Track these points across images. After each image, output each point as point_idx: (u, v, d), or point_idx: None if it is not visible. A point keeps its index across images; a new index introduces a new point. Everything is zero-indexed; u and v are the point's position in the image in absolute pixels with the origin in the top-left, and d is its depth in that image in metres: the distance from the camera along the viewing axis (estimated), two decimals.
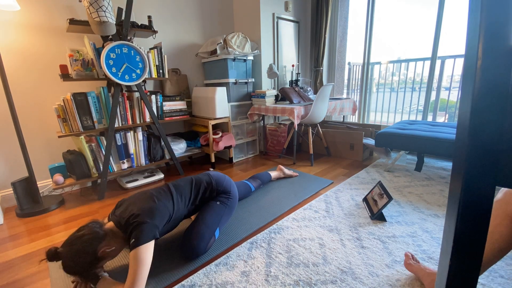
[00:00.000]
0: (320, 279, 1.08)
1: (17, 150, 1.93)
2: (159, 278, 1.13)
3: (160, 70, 2.22)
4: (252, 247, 1.31)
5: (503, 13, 0.31)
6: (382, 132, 2.15)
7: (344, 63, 3.45)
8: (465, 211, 0.36)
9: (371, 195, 1.66)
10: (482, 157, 0.34)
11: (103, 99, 1.93)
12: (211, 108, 2.43)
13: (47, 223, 1.66)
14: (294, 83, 2.98)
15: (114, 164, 2.07)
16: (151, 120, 2.19)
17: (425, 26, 2.81)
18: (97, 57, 1.87)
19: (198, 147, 2.66)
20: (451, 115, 3.00)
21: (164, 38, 2.55)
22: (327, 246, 1.29)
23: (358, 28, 3.17)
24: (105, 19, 1.71)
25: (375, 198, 1.59)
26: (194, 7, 2.72)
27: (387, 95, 3.36)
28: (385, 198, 1.48)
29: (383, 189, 1.55)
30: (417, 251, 1.23)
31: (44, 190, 2.06)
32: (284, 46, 3.10)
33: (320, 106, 2.40)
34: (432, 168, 2.29)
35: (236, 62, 2.59)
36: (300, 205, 1.73)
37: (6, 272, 1.22)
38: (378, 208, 1.50)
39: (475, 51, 0.33)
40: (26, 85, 1.91)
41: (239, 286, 1.07)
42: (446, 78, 2.77)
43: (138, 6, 2.34)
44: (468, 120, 0.34)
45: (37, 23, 1.89)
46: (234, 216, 1.61)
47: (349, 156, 2.67)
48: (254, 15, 2.80)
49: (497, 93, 0.32)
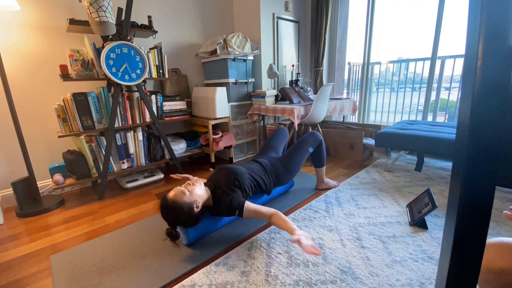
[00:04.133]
0: (320, 279, 1.08)
1: (17, 150, 1.93)
2: (159, 276, 1.13)
3: (160, 70, 2.22)
4: (252, 247, 1.31)
5: (503, 13, 0.31)
6: (382, 132, 2.15)
7: (344, 63, 3.45)
8: (465, 211, 0.36)
9: (416, 201, 1.57)
10: (482, 157, 0.34)
11: (103, 99, 1.93)
12: (211, 108, 2.43)
13: (47, 223, 1.66)
14: (294, 83, 2.98)
15: (114, 164, 2.07)
16: (151, 120, 2.19)
17: (425, 26, 2.81)
18: (97, 57, 1.87)
19: (198, 147, 2.66)
20: (451, 115, 3.00)
21: (164, 38, 2.55)
22: (327, 246, 1.29)
23: (358, 28, 3.17)
24: (105, 19, 1.71)
25: (419, 205, 1.50)
26: (194, 7, 2.72)
27: (387, 95, 3.36)
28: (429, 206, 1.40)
29: (430, 196, 1.46)
30: (417, 251, 1.23)
31: (44, 190, 2.06)
32: (284, 46, 3.10)
33: (320, 106, 2.40)
34: (432, 168, 2.29)
35: (236, 62, 2.59)
36: (300, 205, 1.73)
37: (6, 272, 1.22)
38: (419, 214, 1.42)
39: (475, 51, 0.33)
40: (26, 85, 1.91)
41: (239, 286, 1.07)
42: (446, 78, 2.77)
43: (138, 6, 2.34)
44: (468, 120, 0.34)
45: (37, 23, 1.89)
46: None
47: (349, 156, 2.67)
48: (254, 15, 2.80)
49: (497, 93, 0.32)
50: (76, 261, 1.27)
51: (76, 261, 1.26)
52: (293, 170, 1.69)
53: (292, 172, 1.69)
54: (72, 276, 1.16)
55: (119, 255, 1.30)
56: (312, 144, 1.77)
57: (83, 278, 1.15)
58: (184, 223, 1.25)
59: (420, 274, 1.09)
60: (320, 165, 1.88)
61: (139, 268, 1.20)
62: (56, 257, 1.30)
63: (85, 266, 1.23)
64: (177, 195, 1.23)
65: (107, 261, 1.25)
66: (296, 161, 1.69)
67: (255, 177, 1.53)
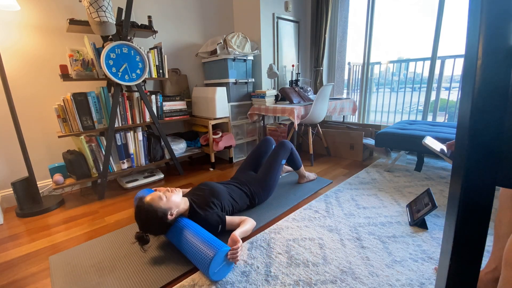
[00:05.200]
0: (320, 279, 1.08)
1: (17, 150, 1.93)
2: (159, 276, 1.13)
3: (160, 70, 2.22)
4: (252, 247, 1.31)
5: (503, 13, 0.31)
6: (382, 132, 2.15)
7: (344, 63, 3.45)
8: (465, 211, 0.36)
9: (416, 201, 1.57)
10: (482, 157, 0.34)
11: (103, 99, 1.93)
12: (211, 108, 2.43)
13: (47, 223, 1.66)
14: (294, 83, 2.98)
15: (114, 164, 2.07)
16: (151, 120, 2.19)
17: (425, 26, 2.81)
18: (97, 57, 1.87)
19: (198, 147, 2.66)
20: (451, 115, 3.00)
21: (164, 38, 2.55)
22: (327, 246, 1.29)
23: (358, 28, 3.17)
24: (105, 19, 1.71)
25: (419, 205, 1.50)
26: (194, 7, 2.72)
27: (387, 95, 3.36)
28: (429, 206, 1.40)
29: (430, 196, 1.46)
30: (417, 251, 1.23)
31: (44, 190, 2.06)
32: (284, 46, 3.10)
33: (320, 106, 2.40)
34: (432, 168, 2.29)
35: (236, 62, 2.59)
36: (300, 205, 1.73)
37: (6, 272, 1.22)
38: (419, 215, 1.42)
39: (475, 51, 0.33)
40: (26, 85, 1.91)
41: (239, 286, 1.07)
42: (446, 78, 2.77)
43: (138, 6, 2.34)
44: (468, 120, 0.34)
45: (37, 23, 1.89)
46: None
47: (349, 156, 2.67)
48: (254, 15, 2.80)
49: (497, 93, 0.32)
50: (75, 261, 1.27)
51: (75, 262, 1.26)
52: (272, 188, 1.74)
53: (270, 190, 1.74)
54: (71, 277, 1.16)
55: (119, 255, 1.30)
56: (284, 156, 1.82)
57: (82, 278, 1.15)
58: (154, 229, 1.23)
59: (420, 274, 1.09)
60: (297, 167, 1.99)
61: (139, 268, 1.20)
62: (55, 258, 1.30)
63: (84, 267, 1.23)
64: (154, 199, 1.22)
65: (107, 262, 1.25)
66: (273, 178, 1.73)
67: (234, 197, 1.56)
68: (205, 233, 1.18)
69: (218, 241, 1.12)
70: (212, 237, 1.15)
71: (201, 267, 1.08)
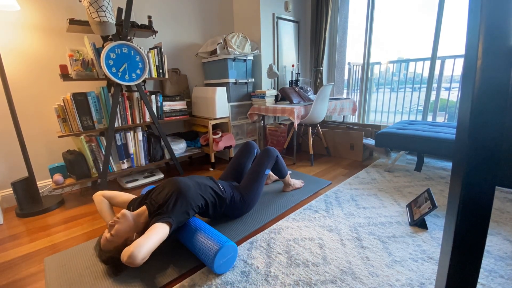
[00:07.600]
0: (320, 279, 1.08)
1: (17, 150, 1.93)
2: (159, 276, 1.13)
3: (160, 70, 2.22)
4: (252, 247, 1.31)
5: (503, 13, 0.31)
6: (382, 132, 2.15)
7: (344, 63, 3.45)
8: (465, 211, 0.36)
9: (416, 201, 1.57)
10: (482, 157, 0.34)
11: (103, 99, 1.93)
12: (211, 108, 2.43)
13: (47, 223, 1.66)
14: (294, 83, 2.98)
15: (114, 164, 2.06)
16: (151, 120, 2.19)
17: (425, 26, 2.81)
18: (97, 57, 1.87)
19: (198, 147, 2.66)
20: (451, 115, 3.00)
21: (164, 38, 2.55)
22: (327, 246, 1.29)
23: (358, 28, 3.17)
24: (105, 19, 1.71)
25: (419, 205, 1.50)
26: (194, 7, 2.72)
27: (387, 95, 3.36)
28: (429, 206, 1.40)
29: (430, 196, 1.46)
30: (417, 251, 1.23)
31: (44, 190, 2.06)
32: (284, 46, 3.10)
33: (320, 106, 2.40)
34: (432, 168, 2.29)
35: (236, 62, 2.59)
36: (300, 205, 1.73)
37: (6, 272, 1.22)
38: (419, 215, 1.42)
39: (475, 51, 0.33)
40: (26, 85, 1.91)
41: (239, 286, 1.07)
42: (446, 78, 2.77)
43: (138, 6, 2.34)
44: (468, 120, 0.34)
45: (37, 23, 1.89)
46: None
47: (349, 156, 2.67)
48: (254, 15, 2.80)
49: (497, 93, 0.32)
50: (71, 263, 1.25)
51: (71, 264, 1.25)
52: (252, 203, 1.59)
53: (250, 205, 1.58)
54: (65, 279, 1.15)
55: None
56: (269, 165, 1.67)
57: (76, 281, 1.14)
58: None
59: (420, 274, 1.09)
60: (283, 176, 1.85)
61: (139, 268, 1.20)
62: (50, 260, 1.28)
63: (78, 269, 1.22)
64: (104, 245, 1.13)
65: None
66: (255, 192, 1.58)
67: (204, 196, 1.33)
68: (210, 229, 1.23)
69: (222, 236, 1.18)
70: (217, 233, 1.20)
71: (206, 259, 1.12)
